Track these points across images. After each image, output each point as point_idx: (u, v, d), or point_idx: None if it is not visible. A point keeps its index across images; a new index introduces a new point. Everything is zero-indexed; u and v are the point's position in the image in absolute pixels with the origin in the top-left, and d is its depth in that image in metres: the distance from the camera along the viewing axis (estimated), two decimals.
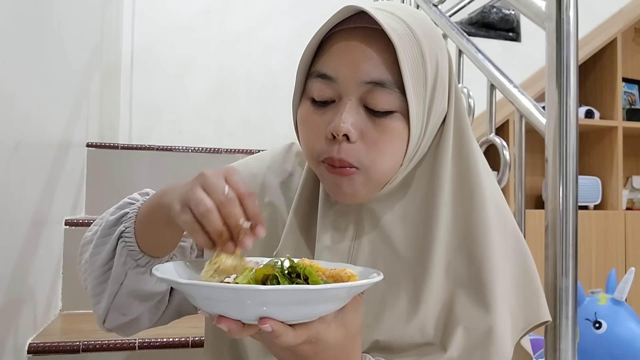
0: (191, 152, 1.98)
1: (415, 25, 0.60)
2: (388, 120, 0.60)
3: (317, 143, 0.62)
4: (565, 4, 0.81)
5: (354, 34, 0.60)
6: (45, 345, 1.20)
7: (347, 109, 0.59)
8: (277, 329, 0.44)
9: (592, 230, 2.63)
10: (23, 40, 1.18)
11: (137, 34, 2.56)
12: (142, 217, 0.64)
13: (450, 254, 0.64)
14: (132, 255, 0.65)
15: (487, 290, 0.61)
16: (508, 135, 2.44)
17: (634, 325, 1.56)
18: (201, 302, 0.46)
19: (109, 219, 0.67)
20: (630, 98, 3.18)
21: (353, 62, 0.59)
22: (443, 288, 0.63)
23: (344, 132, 0.58)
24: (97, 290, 0.68)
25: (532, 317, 0.65)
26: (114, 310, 0.69)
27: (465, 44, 1.23)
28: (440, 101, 0.64)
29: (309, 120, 0.63)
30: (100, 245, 0.67)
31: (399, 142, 0.60)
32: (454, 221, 0.64)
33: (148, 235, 0.64)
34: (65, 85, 1.58)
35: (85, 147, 1.83)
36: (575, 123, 0.81)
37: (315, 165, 0.64)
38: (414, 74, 0.59)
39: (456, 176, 0.65)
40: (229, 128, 2.63)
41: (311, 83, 0.63)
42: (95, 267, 0.67)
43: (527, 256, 0.68)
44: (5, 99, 1.08)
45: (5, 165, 1.09)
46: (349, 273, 0.49)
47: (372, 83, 0.59)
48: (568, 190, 0.80)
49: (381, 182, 0.63)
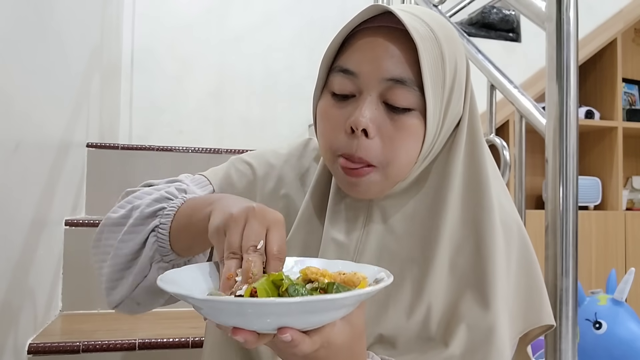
0: (191, 152, 1.98)
1: (437, 27, 0.62)
2: (406, 118, 0.61)
3: (335, 137, 0.63)
4: (565, 5, 0.81)
5: (378, 32, 0.62)
6: (45, 346, 1.20)
7: (367, 104, 0.60)
8: (297, 338, 0.44)
9: (592, 231, 2.63)
10: (23, 40, 1.18)
11: (137, 34, 2.56)
12: (181, 217, 0.64)
13: (456, 252, 0.64)
14: (160, 251, 0.65)
15: (489, 289, 0.62)
16: (508, 136, 2.44)
17: (634, 325, 1.56)
18: (214, 316, 0.45)
19: (145, 210, 0.66)
20: (630, 98, 3.18)
21: (376, 58, 0.61)
22: (447, 285, 0.63)
23: (363, 126, 0.59)
24: (116, 276, 0.68)
25: (531, 319, 0.66)
26: (130, 300, 0.69)
27: (466, 44, 1.23)
28: (456, 103, 0.65)
29: (329, 113, 0.64)
30: (132, 233, 0.66)
31: (414, 140, 0.62)
32: (462, 221, 0.65)
33: (183, 236, 0.64)
34: (65, 85, 1.58)
35: (85, 147, 1.83)
36: (575, 123, 0.81)
37: (331, 159, 0.65)
38: (433, 74, 0.60)
39: (467, 178, 0.67)
40: (229, 128, 2.64)
41: (333, 77, 0.64)
42: (121, 254, 0.67)
43: (532, 260, 0.68)
44: (5, 99, 1.08)
45: (5, 165, 1.09)
46: (360, 276, 0.49)
47: (393, 80, 0.60)
48: (568, 191, 0.80)
49: (395, 179, 0.64)
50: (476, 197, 0.66)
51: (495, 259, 0.63)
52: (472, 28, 2.64)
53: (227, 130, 2.63)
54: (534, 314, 0.66)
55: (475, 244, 0.64)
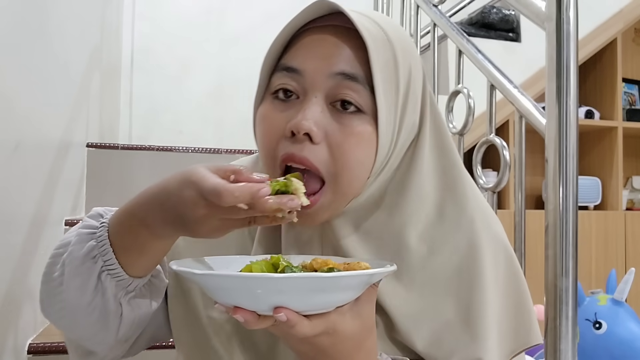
0: (191, 152, 1.98)
1: (390, 30, 0.58)
2: (356, 122, 0.55)
3: (275, 142, 0.56)
4: (565, 4, 0.81)
5: (326, 30, 0.57)
6: (45, 345, 1.20)
7: (311, 105, 0.54)
8: (293, 318, 0.44)
9: (592, 231, 2.63)
10: (23, 40, 1.18)
11: (137, 35, 2.57)
12: (124, 239, 0.56)
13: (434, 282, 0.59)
14: (121, 285, 0.58)
15: (477, 318, 0.57)
16: (508, 136, 2.43)
17: (634, 325, 1.56)
18: (215, 293, 0.46)
19: (77, 255, 0.58)
20: (630, 98, 3.18)
21: (323, 55, 0.55)
22: (421, 309, 0.58)
23: (306, 129, 0.53)
24: (94, 338, 0.61)
25: (521, 340, 0.62)
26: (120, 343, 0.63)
27: (465, 44, 1.23)
28: (412, 113, 0.59)
29: (269, 117, 0.57)
30: (76, 289, 0.58)
31: (366, 149, 0.55)
32: (433, 243, 0.59)
33: (136, 256, 0.57)
34: (65, 85, 1.58)
35: (85, 147, 1.83)
36: (575, 123, 0.81)
37: (272, 173, 0.56)
38: (385, 77, 0.55)
39: (440, 196, 0.61)
40: (229, 128, 2.63)
41: (275, 78, 0.58)
42: (82, 313, 0.58)
43: (519, 277, 0.63)
44: (5, 99, 1.08)
45: (5, 165, 1.09)
46: (364, 266, 0.49)
47: (343, 74, 0.54)
48: (568, 191, 0.80)
49: (347, 196, 0.57)
50: (454, 214, 0.60)
51: (483, 286, 0.58)
52: (472, 28, 2.64)
53: (227, 130, 2.63)
54: (524, 334, 0.62)
55: (457, 267, 0.59)
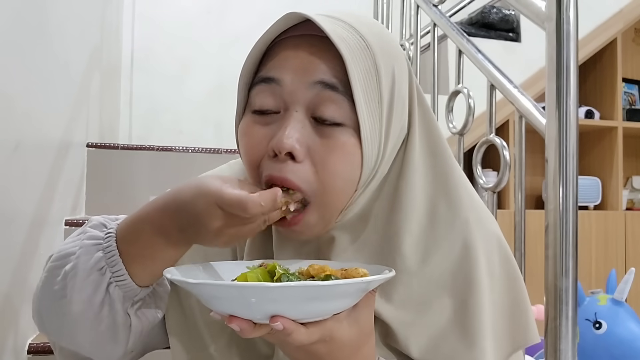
0: (191, 152, 1.98)
1: (369, 34, 0.55)
2: (337, 134, 0.53)
3: (258, 160, 0.55)
4: (565, 4, 0.81)
5: (302, 40, 0.55)
6: (46, 345, 1.20)
7: (292, 121, 0.53)
8: (289, 326, 0.43)
9: (592, 231, 2.63)
10: (23, 40, 1.18)
11: (137, 35, 2.57)
12: (135, 247, 0.55)
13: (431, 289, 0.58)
14: (129, 295, 0.56)
15: (472, 322, 0.57)
16: (508, 136, 2.44)
17: (634, 325, 1.56)
18: (210, 302, 0.46)
19: (84, 267, 0.55)
20: (630, 98, 3.18)
21: (301, 65, 0.54)
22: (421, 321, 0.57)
23: (288, 149, 0.51)
24: (102, 350, 0.58)
25: (519, 340, 0.61)
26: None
27: (465, 44, 1.23)
28: (399, 119, 0.58)
29: (251, 131, 0.56)
30: (82, 302, 0.54)
31: (351, 163, 0.54)
32: (427, 249, 0.58)
33: (146, 265, 0.55)
34: (66, 85, 1.58)
35: (85, 147, 1.83)
36: (575, 123, 0.81)
37: (258, 186, 0.55)
38: (365, 89, 0.53)
39: (431, 199, 0.60)
40: (229, 128, 2.61)
41: (254, 92, 0.56)
42: (88, 325, 0.56)
43: (516, 275, 0.62)
44: (5, 99, 1.08)
45: (5, 165, 1.09)
46: (361, 272, 0.48)
47: (322, 83, 0.53)
48: (568, 191, 0.80)
49: (336, 211, 0.56)
50: (448, 216, 0.59)
51: (479, 285, 0.57)
52: (472, 28, 2.64)
53: (227, 130, 2.61)
54: (521, 334, 0.61)
55: (452, 271, 0.58)
